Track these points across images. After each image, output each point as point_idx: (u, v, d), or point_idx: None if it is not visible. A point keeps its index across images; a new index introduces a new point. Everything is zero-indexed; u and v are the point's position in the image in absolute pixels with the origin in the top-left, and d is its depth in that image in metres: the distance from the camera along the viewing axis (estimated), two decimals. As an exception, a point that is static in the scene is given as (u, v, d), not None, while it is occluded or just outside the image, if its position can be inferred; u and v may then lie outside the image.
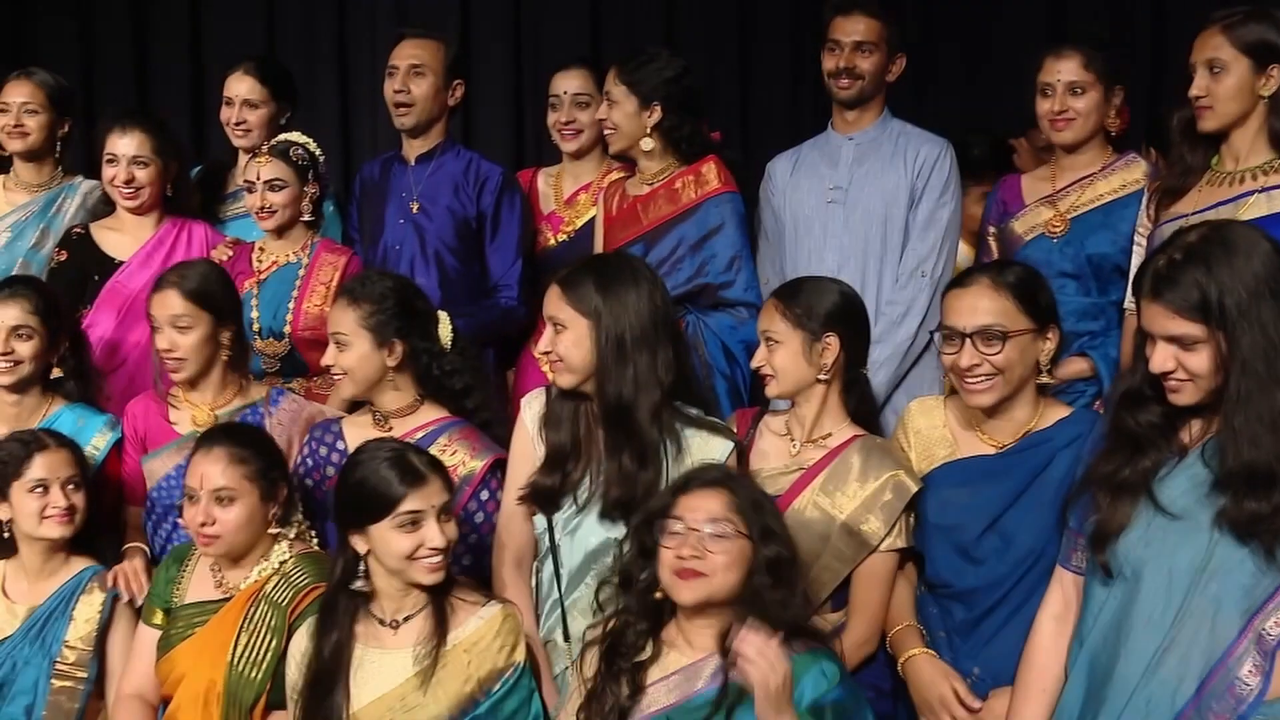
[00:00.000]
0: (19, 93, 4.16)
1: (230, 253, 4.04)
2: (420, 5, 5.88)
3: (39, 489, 3.21)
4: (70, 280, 3.98)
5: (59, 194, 4.22)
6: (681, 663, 2.65)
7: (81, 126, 4.48)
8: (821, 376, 3.02)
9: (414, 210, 4.17)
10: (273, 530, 3.08)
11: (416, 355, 3.30)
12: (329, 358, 3.30)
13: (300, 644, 2.88)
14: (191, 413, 3.46)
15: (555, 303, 3.00)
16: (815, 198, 4.05)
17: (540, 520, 3.07)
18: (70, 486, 3.22)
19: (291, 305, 3.94)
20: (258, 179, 3.92)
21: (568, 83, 4.23)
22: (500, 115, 5.89)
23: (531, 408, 3.13)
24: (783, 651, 2.49)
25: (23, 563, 3.28)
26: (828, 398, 3.05)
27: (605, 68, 4.14)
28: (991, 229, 3.93)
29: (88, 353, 3.69)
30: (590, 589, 2.94)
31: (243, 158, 4.32)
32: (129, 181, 3.97)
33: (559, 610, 3.02)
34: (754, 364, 3.09)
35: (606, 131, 4.00)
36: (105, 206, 4.15)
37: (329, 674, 2.79)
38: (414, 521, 2.77)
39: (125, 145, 3.96)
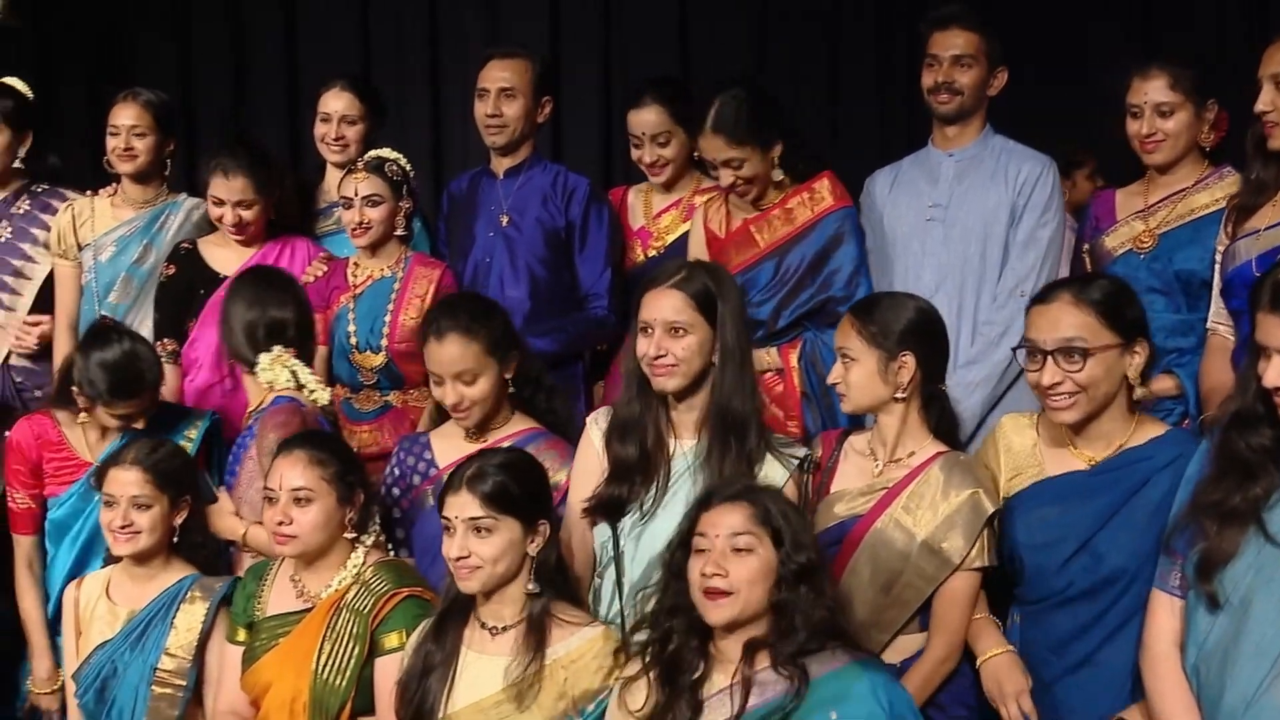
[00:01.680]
0: (127, 115, 4.24)
1: (324, 269, 4.11)
2: (509, 24, 5.93)
3: (109, 504, 3.28)
4: (177, 294, 4.08)
5: (163, 211, 4.30)
6: (723, 683, 2.64)
7: (183, 144, 4.57)
8: (899, 395, 3.00)
9: (503, 224, 4.19)
10: (348, 535, 3.12)
11: (506, 371, 3.33)
12: (453, 396, 3.27)
13: (414, 640, 2.94)
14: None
15: (678, 307, 3.01)
16: (914, 215, 4.00)
17: (602, 530, 3.08)
18: (137, 507, 3.26)
19: (387, 319, 3.99)
20: (355, 195, 3.98)
21: (644, 123, 4.19)
22: (589, 133, 5.92)
23: (599, 424, 3.15)
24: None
25: (127, 567, 3.35)
26: (908, 416, 3.02)
27: (690, 86, 4.17)
28: (1086, 245, 3.88)
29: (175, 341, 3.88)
30: (649, 598, 2.92)
31: (332, 173, 4.39)
32: (235, 223, 4.05)
33: (619, 622, 3.02)
34: (830, 380, 3.08)
35: (739, 191, 3.87)
36: (207, 225, 4.23)
37: (433, 672, 2.85)
38: (447, 528, 2.86)
39: (229, 190, 4.03)
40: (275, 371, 3.49)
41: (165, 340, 4.06)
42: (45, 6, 5.90)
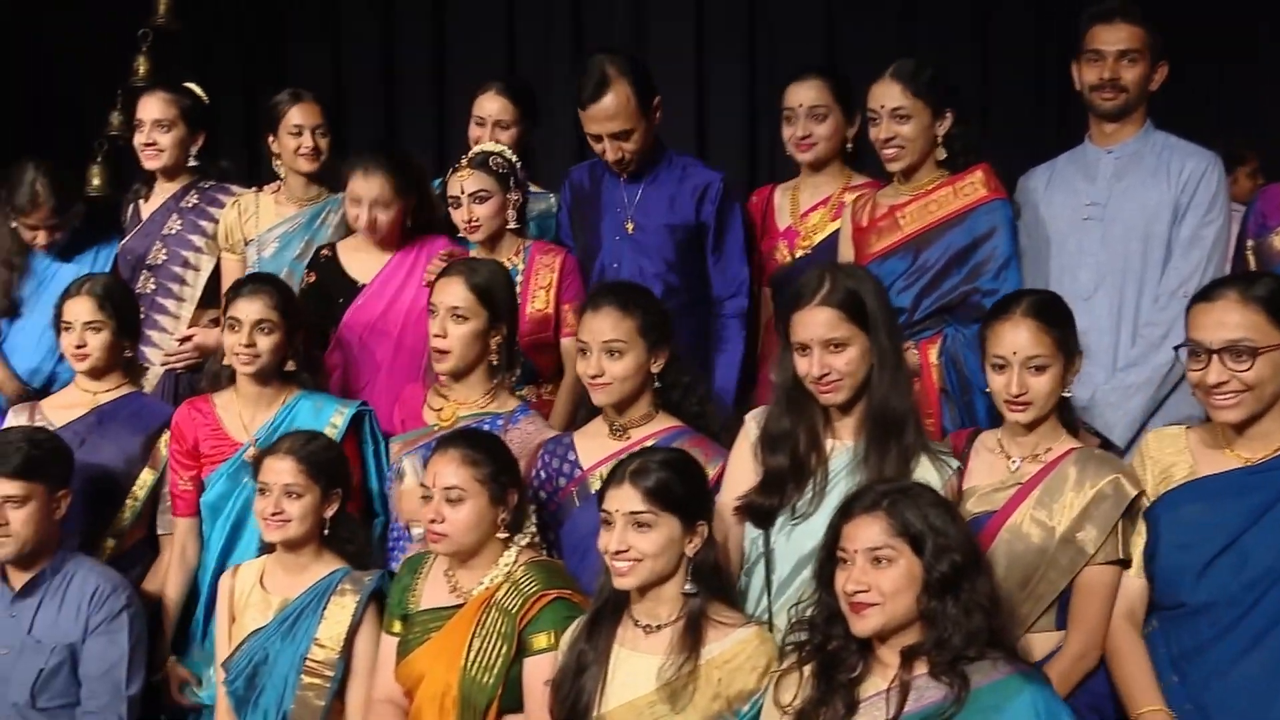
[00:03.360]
0: (310, 115, 4.33)
1: (443, 265, 4.06)
2: (654, 24, 5.92)
3: (263, 491, 3.35)
4: (317, 301, 4.12)
5: (323, 208, 4.37)
6: (880, 685, 2.61)
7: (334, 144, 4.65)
8: (1065, 394, 2.99)
9: (629, 230, 4.10)
10: (501, 535, 3.13)
11: (650, 371, 3.32)
12: (594, 368, 3.27)
13: (568, 637, 2.95)
14: (440, 406, 3.56)
15: (833, 323, 2.96)
16: (1070, 213, 3.87)
17: (752, 527, 3.06)
18: (289, 495, 3.33)
19: None
20: (461, 192, 3.95)
21: (802, 94, 4.11)
22: (734, 130, 5.89)
23: (757, 421, 3.12)
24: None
25: (280, 557, 3.42)
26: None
27: (841, 78, 4.09)
28: (1250, 242, 3.77)
29: (316, 347, 3.90)
30: (798, 596, 2.90)
31: None
32: (370, 223, 4.07)
33: (766, 620, 2.99)
34: (1015, 391, 2.97)
35: (893, 149, 3.78)
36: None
37: (587, 670, 2.86)
38: (606, 522, 2.85)
39: (367, 189, 4.04)
40: None
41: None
42: (203, 11, 6.06)
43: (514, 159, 4.05)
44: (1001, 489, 2.99)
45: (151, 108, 4.42)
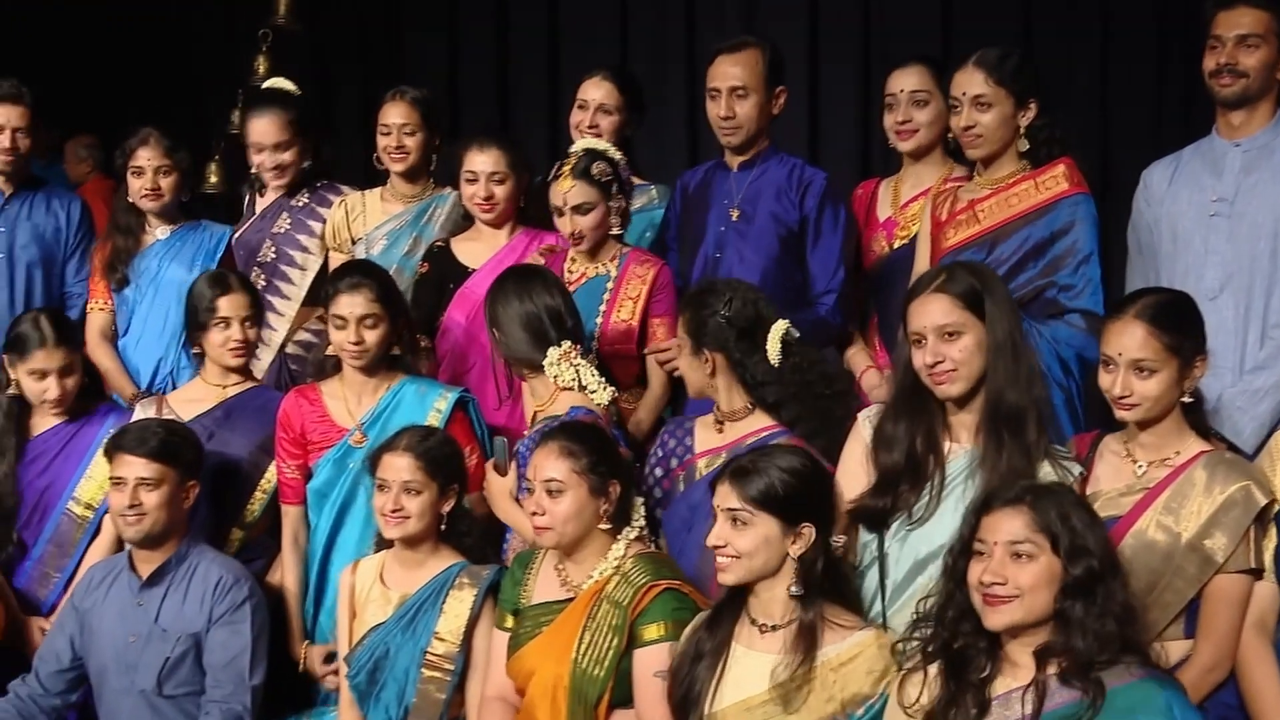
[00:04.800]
0: (398, 114, 4.36)
1: (542, 261, 4.08)
2: (766, 23, 5.89)
3: (382, 488, 3.39)
4: (431, 291, 4.17)
5: (430, 204, 4.41)
6: (1010, 685, 2.58)
7: (448, 138, 4.69)
8: (1186, 399, 2.91)
9: (734, 218, 4.08)
10: (604, 526, 3.13)
11: (734, 364, 3.32)
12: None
13: (690, 627, 2.96)
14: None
15: (947, 310, 2.94)
16: (1196, 209, 3.79)
17: (865, 529, 3.04)
18: (407, 492, 3.36)
19: (599, 319, 3.92)
20: (564, 205, 3.90)
21: (905, 80, 4.08)
22: (846, 130, 5.85)
23: (870, 421, 3.10)
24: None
25: (398, 553, 3.45)
26: (1175, 415, 2.93)
27: (945, 66, 4.01)
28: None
29: (426, 336, 3.96)
30: (913, 601, 2.88)
31: None
32: (488, 197, 4.11)
33: (880, 622, 2.96)
34: (1118, 392, 2.91)
35: (972, 137, 3.75)
36: (464, 221, 4.32)
37: (703, 660, 2.87)
38: (714, 516, 2.87)
39: (484, 162, 4.09)
40: (561, 367, 3.52)
41: (420, 336, 4.10)
42: (321, 10, 6.16)
43: (617, 156, 4.01)
44: (1127, 494, 2.93)
45: (266, 131, 4.44)
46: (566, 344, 3.53)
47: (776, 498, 2.84)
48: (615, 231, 3.99)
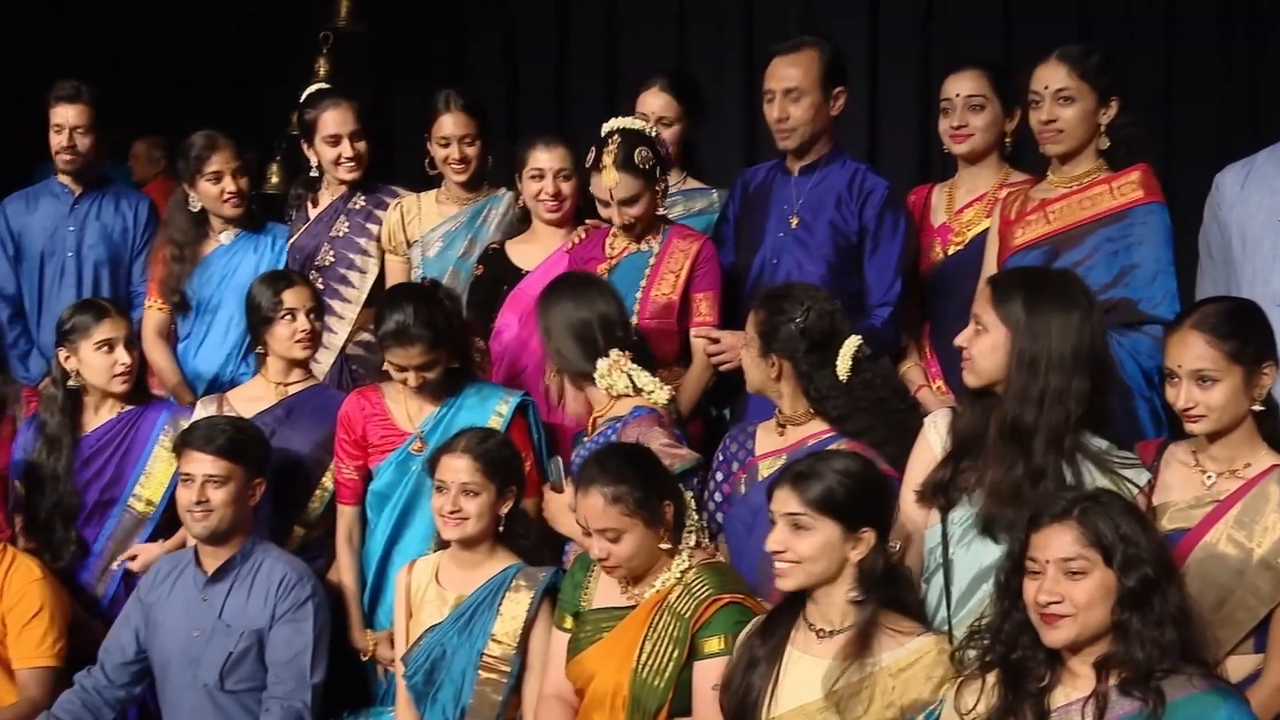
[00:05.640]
0: (456, 126, 4.33)
1: (583, 236, 4.09)
2: (827, 23, 5.87)
3: (440, 489, 3.40)
4: (485, 292, 4.18)
5: (485, 206, 4.41)
6: (1070, 696, 2.56)
7: (505, 140, 4.71)
8: (1256, 407, 2.85)
9: (793, 225, 4.03)
10: (664, 546, 3.12)
11: (800, 375, 3.31)
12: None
13: (743, 635, 2.95)
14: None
15: (982, 303, 2.96)
16: (1265, 214, 3.73)
17: (933, 535, 3.02)
18: (466, 494, 3.37)
19: (639, 295, 3.89)
20: (611, 197, 3.86)
21: (960, 85, 4.02)
22: (906, 132, 5.82)
23: (937, 427, 3.08)
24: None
25: (454, 554, 3.47)
26: (1247, 426, 2.87)
27: (1001, 70, 4.00)
28: None
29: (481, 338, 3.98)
30: (979, 608, 2.86)
31: None
32: (555, 194, 4.11)
33: (945, 630, 2.93)
34: (1182, 404, 2.88)
35: (1052, 132, 3.68)
36: (520, 223, 4.33)
37: (757, 667, 2.86)
38: (772, 521, 2.87)
39: (550, 160, 4.10)
40: (613, 377, 3.53)
41: (475, 338, 4.12)
42: (382, 14, 6.20)
43: (654, 134, 3.95)
44: (1197, 506, 2.89)
45: (343, 119, 4.43)
46: (615, 353, 3.53)
47: (837, 502, 2.82)
48: (660, 212, 3.98)
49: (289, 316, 3.90)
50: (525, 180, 4.16)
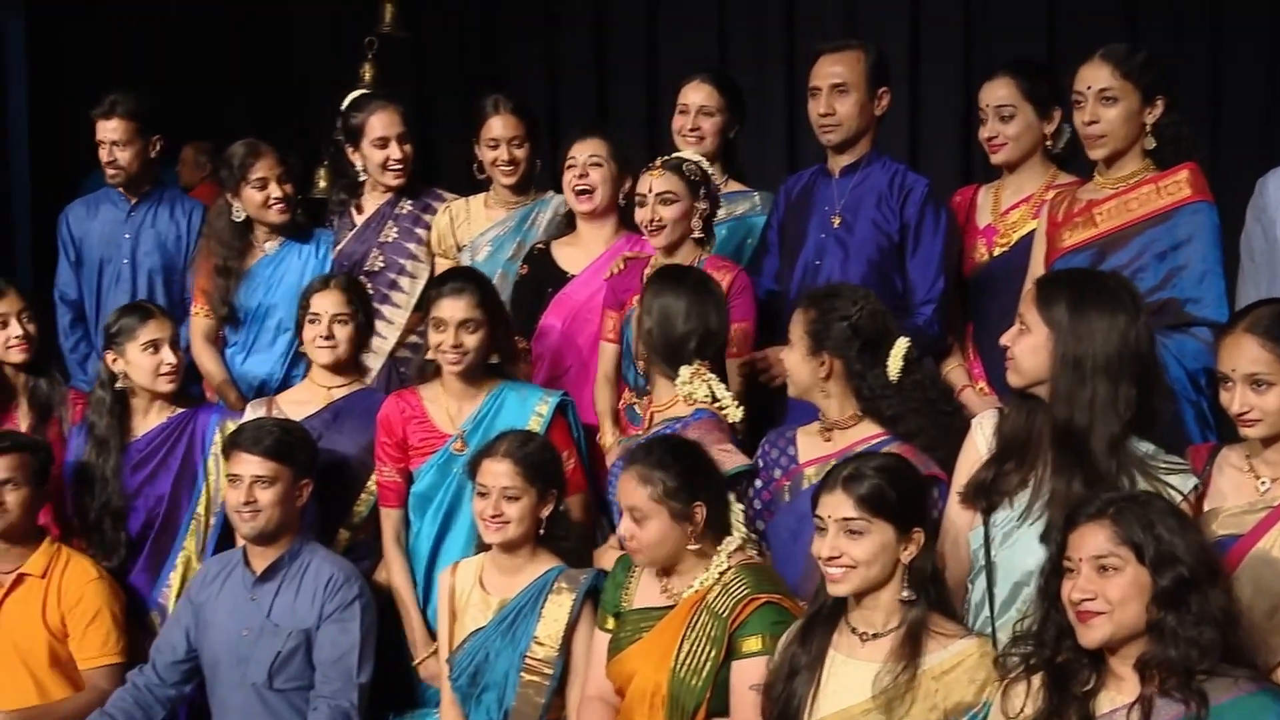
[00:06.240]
0: (505, 128, 4.36)
1: (623, 266, 4.07)
2: (868, 22, 5.87)
3: (482, 494, 3.42)
4: (530, 293, 4.20)
5: (532, 209, 4.44)
6: (1115, 701, 2.55)
7: (548, 143, 4.72)
8: None
9: (835, 225, 4.03)
10: (692, 547, 3.12)
11: (852, 374, 3.29)
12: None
13: (783, 641, 2.95)
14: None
15: (1028, 303, 2.95)
16: (1311, 217, 3.69)
17: (976, 536, 3.01)
18: (507, 498, 3.39)
19: None
20: (649, 191, 3.87)
21: (990, 95, 4.01)
22: (948, 133, 5.80)
23: (984, 428, 3.08)
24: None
25: (496, 557, 3.49)
26: None
27: (1034, 75, 3.97)
28: None
29: (523, 338, 3.99)
30: (1021, 612, 2.85)
31: None
32: (583, 175, 4.12)
33: (989, 631, 2.94)
34: (1237, 409, 2.84)
35: (1095, 133, 3.66)
36: (566, 226, 4.35)
37: (799, 674, 2.85)
38: (820, 528, 2.85)
39: (581, 149, 4.13)
40: (694, 385, 3.52)
41: (518, 338, 4.14)
42: (425, 17, 6.23)
43: (708, 169, 3.99)
44: (1251, 511, 2.85)
45: (392, 121, 4.47)
46: (697, 363, 3.52)
47: (890, 503, 2.82)
48: (696, 235, 3.95)
49: (314, 321, 3.95)
50: (565, 172, 4.18)
